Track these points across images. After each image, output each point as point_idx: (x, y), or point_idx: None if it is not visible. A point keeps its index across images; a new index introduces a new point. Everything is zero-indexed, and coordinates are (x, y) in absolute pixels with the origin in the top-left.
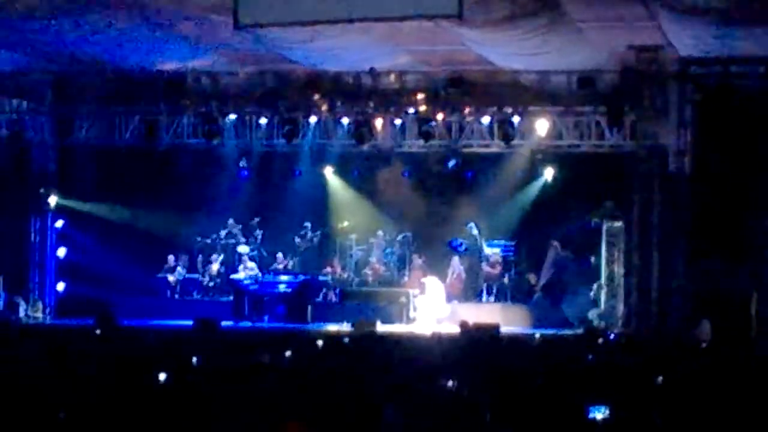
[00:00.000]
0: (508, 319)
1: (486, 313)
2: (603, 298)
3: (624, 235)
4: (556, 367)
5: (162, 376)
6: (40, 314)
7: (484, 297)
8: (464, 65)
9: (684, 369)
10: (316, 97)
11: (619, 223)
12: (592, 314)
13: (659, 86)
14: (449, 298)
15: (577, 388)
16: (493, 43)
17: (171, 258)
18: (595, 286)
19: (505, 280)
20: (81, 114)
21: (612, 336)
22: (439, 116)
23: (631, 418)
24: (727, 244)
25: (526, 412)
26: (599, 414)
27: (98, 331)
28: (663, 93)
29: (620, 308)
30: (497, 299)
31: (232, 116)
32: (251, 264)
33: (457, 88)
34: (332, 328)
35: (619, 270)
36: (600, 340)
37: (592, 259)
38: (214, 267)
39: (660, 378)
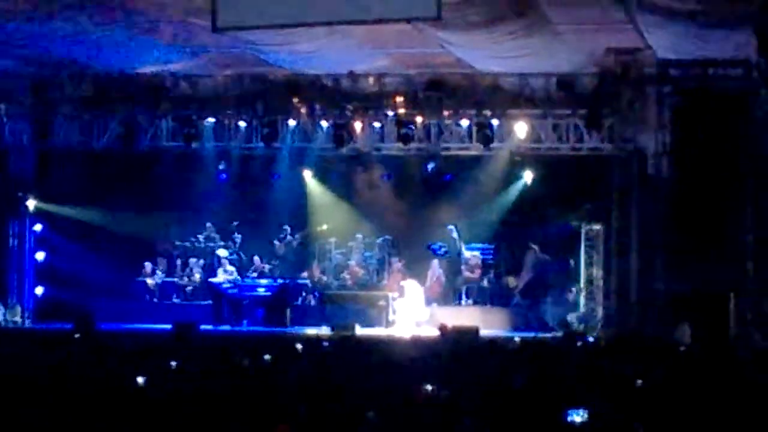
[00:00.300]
0: (487, 322)
1: (465, 316)
2: (582, 300)
3: (603, 238)
4: (535, 371)
5: (140, 380)
6: (18, 318)
7: (464, 300)
8: (443, 68)
9: (663, 372)
10: (295, 100)
11: (598, 226)
12: (571, 317)
13: (637, 89)
14: (428, 302)
15: (556, 391)
16: (472, 46)
17: (148, 265)
18: (574, 288)
19: (485, 283)
20: (59, 117)
21: (591, 339)
22: (419, 119)
23: (610, 422)
24: (706, 246)
25: (505, 415)
26: (578, 417)
27: (77, 336)
28: (641, 95)
29: (599, 311)
30: (476, 302)
31: (211, 119)
32: (230, 267)
33: (436, 91)
34: (311, 331)
35: (598, 273)
36: (579, 343)
37: (571, 261)
38: (196, 273)
39: (639, 381)
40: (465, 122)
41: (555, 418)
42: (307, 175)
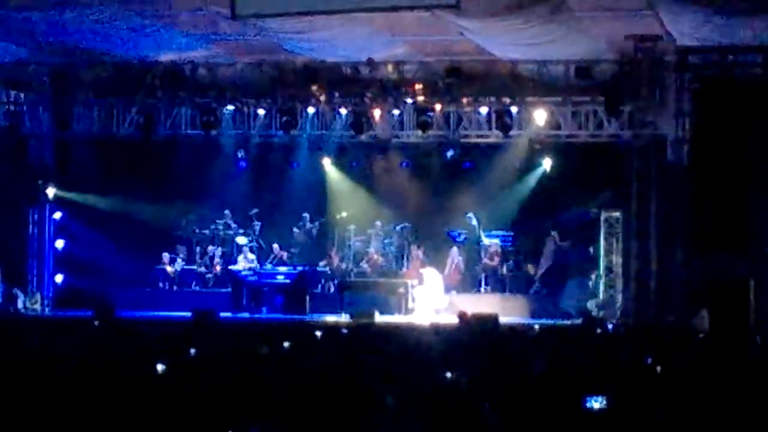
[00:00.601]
0: (506, 310)
1: (484, 303)
2: (601, 288)
3: (622, 225)
4: (554, 358)
5: (160, 368)
6: (38, 306)
7: (483, 287)
8: (462, 55)
9: (682, 359)
10: (314, 87)
11: (617, 213)
12: (590, 304)
13: (657, 76)
14: (448, 289)
15: (575, 378)
16: (491, 34)
17: (166, 255)
18: (593, 276)
19: (504, 270)
20: (78, 106)
21: (610, 326)
22: (438, 107)
23: (629, 408)
24: (726, 234)
25: (524, 402)
26: (596, 404)
27: (96, 323)
28: (661, 83)
29: (619, 298)
30: (495, 290)
31: (230, 107)
32: (251, 255)
33: (456, 79)
34: (330, 319)
35: (617, 260)
36: (598, 330)
37: (591, 249)
38: (216, 261)
39: (658, 368)
40: (484, 110)
41: (574, 404)
42: (326, 162)
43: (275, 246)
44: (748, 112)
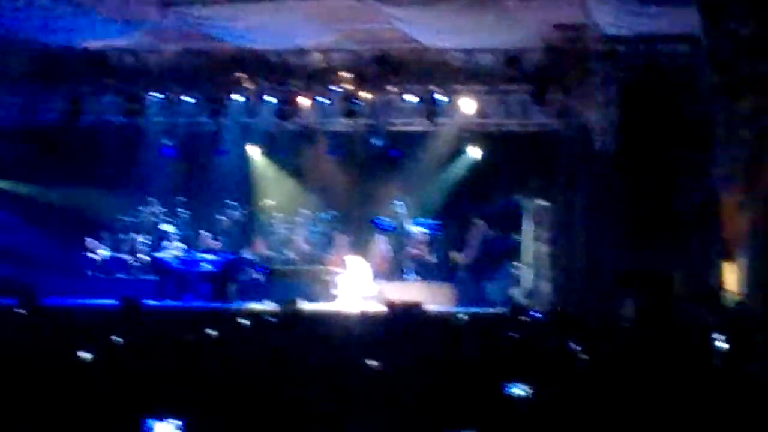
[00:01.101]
0: (433, 298)
1: (411, 291)
2: (528, 276)
3: (550, 214)
4: (480, 346)
5: (86, 356)
6: None
7: (410, 276)
8: (391, 44)
9: (607, 348)
10: (242, 75)
11: (544, 202)
12: (516, 292)
13: (584, 65)
14: (374, 277)
15: (500, 366)
16: (419, 22)
17: (91, 240)
18: (519, 264)
19: (431, 258)
20: (2, 92)
21: (536, 314)
22: (365, 95)
23: (553, 396)
24: (653, 223)
25: (450, 389)
26: (519, 391)
27: (20, 311)
28: (588, 72)
29: (545, 287)
30: (423, 278)
31: (156, 95)
32: (177, 243)
33: (383, 67)
34: (256, 306)
35: (544, 249)
36: (524, 319)
37: (518, 237)
38: (141, 249)
39: (584, 356)
40: (412, 98)
41: (499, 392)
42: (253, 150)
43: (202, 233)
44: (673, 101)
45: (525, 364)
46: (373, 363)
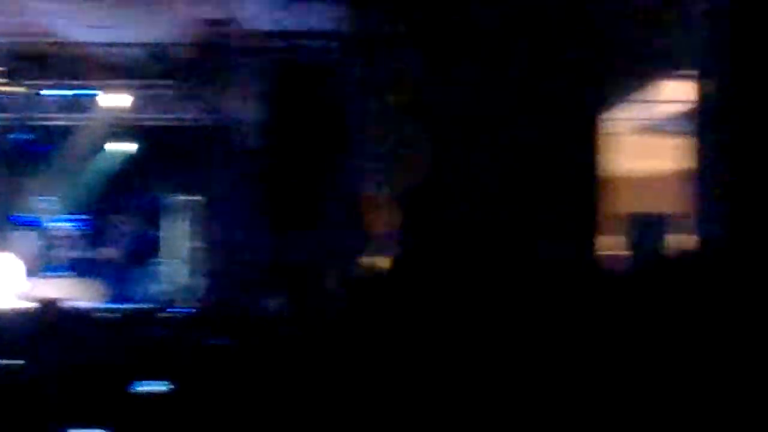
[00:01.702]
0: (79, 294)
1: (60, 287)
2: (175, 271)
3: (198, 209)
4: (119, 343)
5: None
6: None
7: (58, 272)
8: (37, 37)
9: (254, 340)
10: None
11: (193, 197)
12: (162, 288)
13: (230, 60)
14: (22, 274)
15: (138, 363)
16: (65, 15)
17: None
18: (166, 260)
19: (77, 254)
20: None
21: (182, 309)
22: (10, 89)
23: (196, 392)
24: (299, 218)
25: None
26: (153, 388)
27: None
28: (233, 67)
29: (192, 282)
30: (68, 274)
31: None
32: None
33: (28, 61)
34: None
35: (191, 244)
36: (171, 314)
37: (165, 233)
38: None
39: (228, 350)
40: (58, 93)
41: (134, 389)
42: None
43: None
44: (319, 97)
45: (165, 359)
46: (6, 362)
